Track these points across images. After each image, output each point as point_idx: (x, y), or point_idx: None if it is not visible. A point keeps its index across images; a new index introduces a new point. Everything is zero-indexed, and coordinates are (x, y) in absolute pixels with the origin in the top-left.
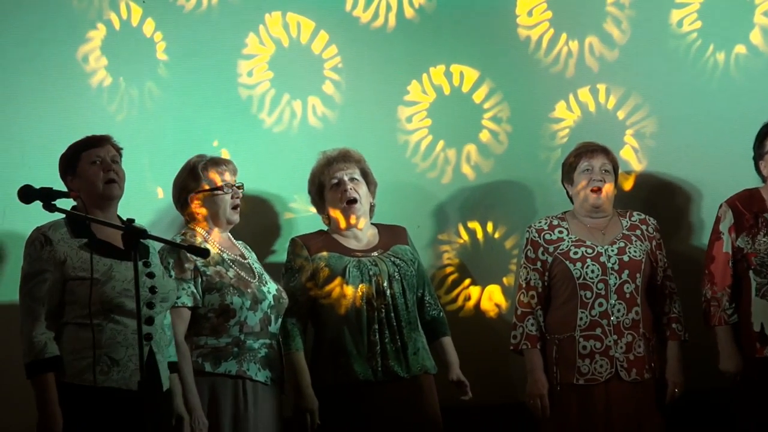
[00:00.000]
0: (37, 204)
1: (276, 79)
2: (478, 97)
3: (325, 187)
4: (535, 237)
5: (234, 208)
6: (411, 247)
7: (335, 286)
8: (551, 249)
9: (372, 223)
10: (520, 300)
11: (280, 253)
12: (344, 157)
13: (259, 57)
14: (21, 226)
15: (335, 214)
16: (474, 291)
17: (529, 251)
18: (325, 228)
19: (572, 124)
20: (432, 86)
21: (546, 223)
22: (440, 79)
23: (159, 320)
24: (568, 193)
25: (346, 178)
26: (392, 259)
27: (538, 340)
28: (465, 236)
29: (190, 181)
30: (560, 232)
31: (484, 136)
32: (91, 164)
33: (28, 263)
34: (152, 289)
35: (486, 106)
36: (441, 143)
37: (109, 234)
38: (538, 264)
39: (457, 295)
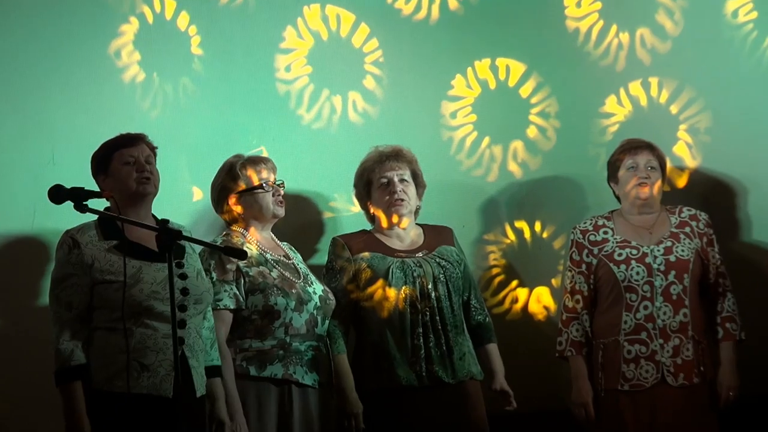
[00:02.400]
0: (69, 204)
1: (315, 74)
2: (525, 91)
3: (373, 184)
4: (579, 238)
5: (279, 203)
6: (457, 248)
7: (378, 288)
8: (596, 251)
9: (416, 224)
10: (565, 305)
11: (321, 254)
12: (397, 156)
13: (297, 51)
14: (52, 227)
15: (379, 212)
16: (521, 293)
17: (573, 253)
18: (368, 227)
19: (623, 119)
20: (477, 80)
21: (591, 224)
22: (485, 73)
23: (193, 323)
24: (614, 192)
25: (396, 179)
26: (437, 260)
27: (583, 347)
28: (512, 236)
29: (229, 182)
30: (605, 232)
31: (532, 132)
32: (124, 164)
33: (56, 267)
34: (184, 291)
35: (533, 100)
36: (486, 140)
37: (142, 235)
38: (583, 267)
39: (504, 298)
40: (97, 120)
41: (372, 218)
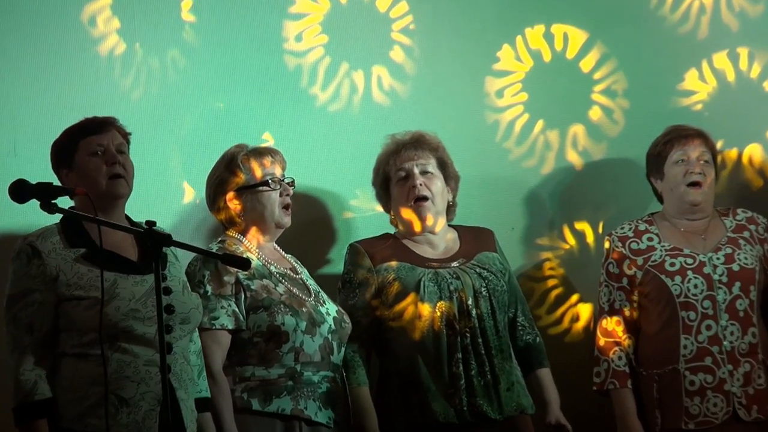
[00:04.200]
0: (33, 204)
1: (332, 44)
2: (586, 65)
3: (390, 179)
4: (618, 247)
5: (285, 207)
6: (500, 254)
7: (407, 305)
8: (640, 261)
9: (450, 226)
10: (602, 327)
11: (337, 264)
12: (417, 144)
13: (310, 17)
14: (14, 230)
15: (405, 213)
16: (583, 309)
17: (610, 265)
18: (392, 230)
19: (706, 97)
20: (528, 52)
21: (630, 229)
22: (539, 43)
23: (179, 347)
24: (655, 190)
25: (416, 171)
26: (478, 270)
27: (628, 378)
28: (571, 240)
29: (228, 176)
30: (649, 239)
31: (595, 114)
32: (91, 155)
33: (11, 281)
34: (168, 309)
35: (597, 76)
36: (540, 123)
37: (117, 241)
38: (624, 281)
39: (562, 315)
40: (67, 103)
41: (396, 221)
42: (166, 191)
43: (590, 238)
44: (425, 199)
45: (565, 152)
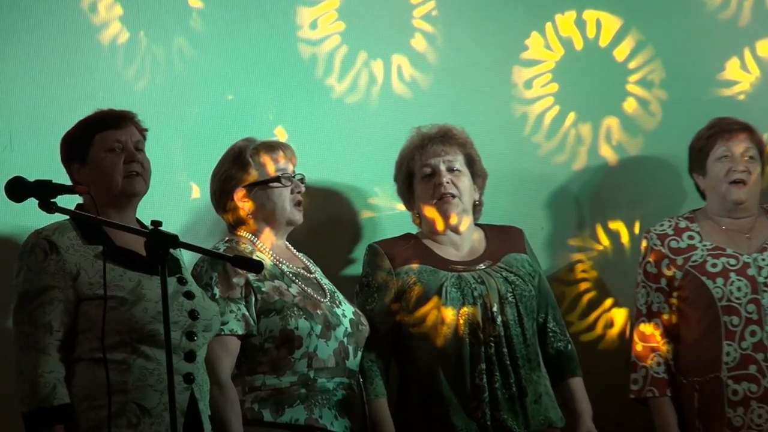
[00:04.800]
0: (31, 202)
1: (349, 31)
2: (620, 53)
3: (414, 176)
4: (656, 245)
5: (296, 204)
6: (530, 256)
7: (428, 311)
8: (680, 261)
9: (477, 225)
10: (639, 332)
11: (353, 265)
12: (444, 138)
13: (326, 2)
14: (9, 228)
15: (429, 212)
16: (618, 315)
17: (648, 265)
18: (415, 230)
19: (749, 88)
20: (559, 40)
21: (670, 226)
22: (570, 30)
23: (200, 356)
24: (698, 186)
25: (442, 167)
26: (504, 273)
27: (667, 386)
28: (605, 241)
29: (236, 172)
30: (690, 237)
31: (630, 105)
32: (108, 151)
33: (26, 277)
34: (193, 314)
35: (632, 65)
36: (571, 116)
37: (130, 241)
38: (663, 282)
39: (596, 321)
40: (67, 94)
41: (418, 220)
42: (171, 188)
43: (625, 238)
44: (451, 197)
45: (598, 147)
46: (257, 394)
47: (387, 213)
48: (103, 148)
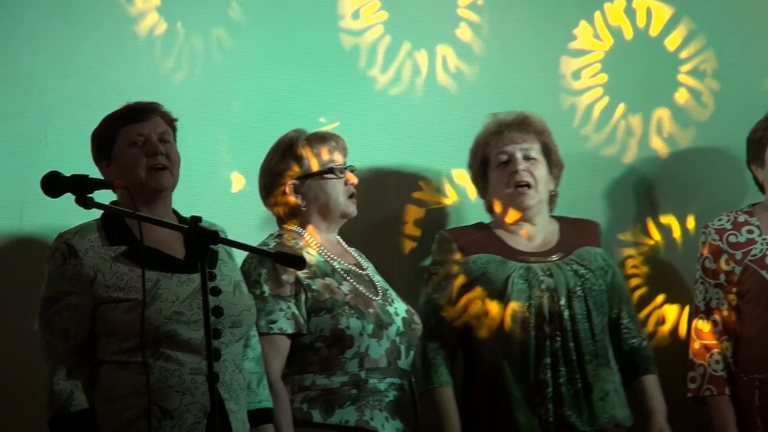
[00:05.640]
0: (68, 197)
1: (392, 21)
2: (672, 42)
3: (490, 163)
4: (715, 240)
5: (350, 197)
6: (604, 250)
7: (494, 302)
8: (739, 255)
9: (553, 216)
10: (697, 329)
11: (403, 260)
12: (521, 125)
13: None
14: (47, 226)
15: (504, 201)
16: (670, 311)
17: (707, 261)
18: (487, 219)
19: None
20: (608, 29)
21: (729, 221)
22: (619, 19)
23: (229, 354)
24: (756, 178)
25: (519, 155)
26: (575, 266)
27: (726, 383)
28: (656, 235)
29: (286, 164)
30: (749, 231)
31: (681, 96)
32: (130, 146)
33: (47, 283)
34: (216, 311)
35: (683, 55)
36: (621, 107)
37: (163, 238)
38: (721, 277)
39: (647, 318)
40: (103, 87)
41: (491, 209)
42: (212, 182)
43: (677, 232)
44: (527, 186)
45: (648, 139)
46: (307, 394)
47: (431, 207)
48: (126, 143)
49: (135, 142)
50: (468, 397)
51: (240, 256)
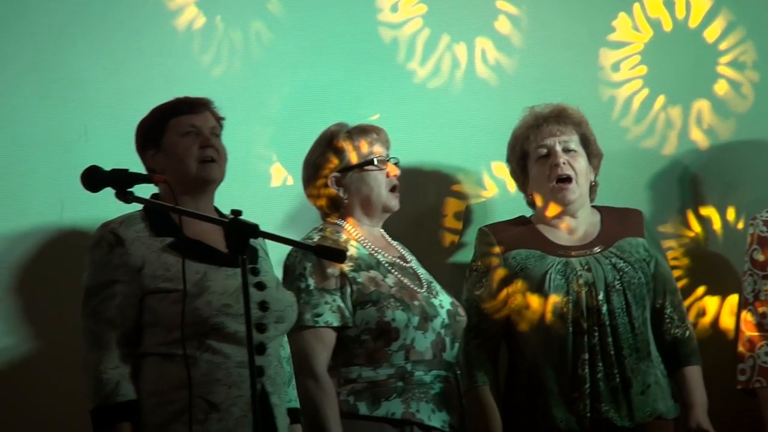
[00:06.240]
0: (107, 192)
1: (431, 14)
2: (711, 34)
3: (529, 156)
4: (763, 232)
5: (392, 190)
6: (648, 240)
7: (532, 298)
8: None
9: (595, 207)
10: (746, 321)
11: (443, 253)
12: (559, 118)
13: None
14: (86, 220)
15: (545, 194)
16: (710, 303)
17: (755, 252)
18: (528, 212)
19: None
20: (647, 20)
21: None
22: (658, 10)
23: (273, 349)
24: None
25: (558, 148)
26: (614, 260)
27: None
28: (696, 227)
29: (329, 156)
30: None
31: (721, 88)
32: (182, 135)
33: (91, 272)
34: (262, 305)
35: (723, 46)
36: (661, 99)
37: (205, 231)
38: None
39: (687, 309)
40: (142, 81)
41: (531, 203)
42: (252, 175)
43: (717, 224)
44: (569, 179)
45: (688, 131)
46: (353, 387)
47: (472, 201)
48: (177, 133)
49: (187, 132)
50: (510, 392)
51: (276, 252)
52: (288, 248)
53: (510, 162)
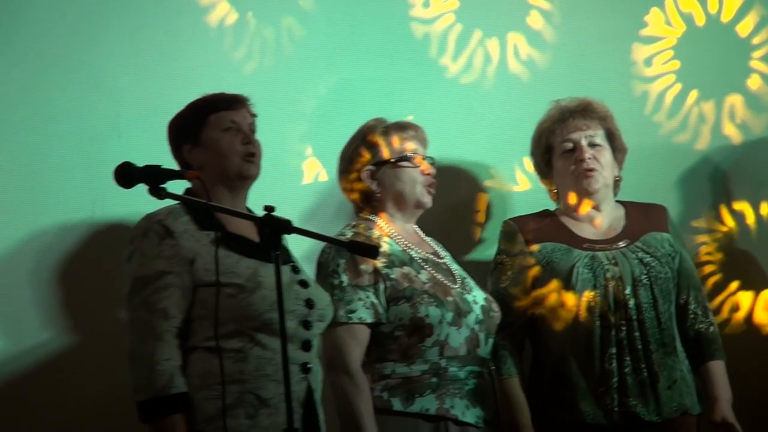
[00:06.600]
0: (139, 188)
1: (463, 9)
2: (744, 28)
3: (554, 151)
4: None
5: (428, 186)
6: (672, 235)
7: (558, 292)
8: None
9: (618, 202)
10: None
11: (473, 248)
12: (585, 112)
13: None
14: (118, 216)
15: (569, 188)
16: (744, 298)
17: None
18: (552, 207)
19: None
20: (680, 15)
21: None
22: (691, 5)
23: (315, 346)
24: None
25: (584, 142)
26: (640, 254)
27: None
28: (730, 222)
29: (364, 150)
30: None
31: (754, 83)
32: (224, 131)
33: (140, 262)
34: (309, 303)
35: (755, 40)
36: (693, 94)
37: (242, 227)
38: None
39: (721, 304)
40: (175, 79)
41: (556, 197)
42: (282, 172)
43: (750, 219)
44: (593, 172)
45: (721, 125)
46: (387, 383)
47: (503, 194)
48: (218, 128)
49: (228, 128)
50: (534, 386)
51: (299, 249)
52: (313, 245)
53: (534, 155)
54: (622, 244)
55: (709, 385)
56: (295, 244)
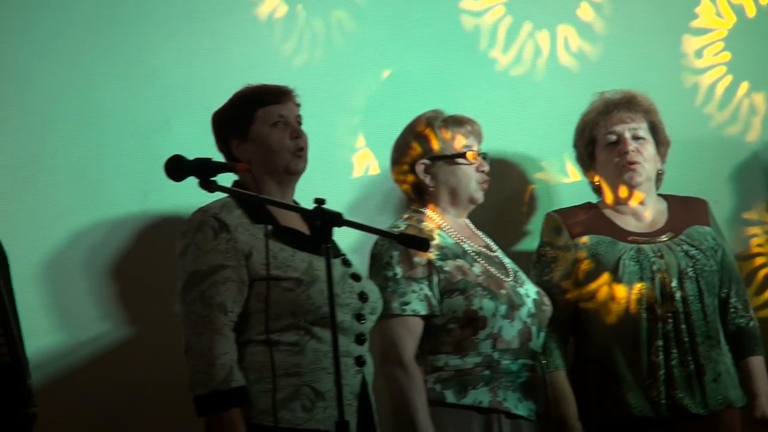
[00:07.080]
0: (189, 182)
1: (513, 2)
2: None
3: (597, 143)
4: None
5: (481, 183)
6: (714, 229)
7: (604, 284)
8: None
9: (660, 195)
10: None
11: (523, 241)
12: (629, 105)
13: None
14: (170, 210)
15: (612, 181)
16: None
17: None
18: (594, 199)
19: None
20: (730, 6)
21: None
22: None
23: (368, 340)
24: None
25: (627, 135)
26: (685, 247)
27: None
28: None
29: (419, 143)
30: None
31: None
32: (272, 126)
33: (195, 256)
34: (362, 296)
35: None
36: (744, 86)
37: (292, 220)
38: None
39: None
40: (224, 72)
41: (598, 189)
42: (332, 165)
43: None
44: (636, 165)
45: None
46: (440, 375)
47: (554, 187)
48: (267, 123)
49: (276, 123)
50: (579, 379)
51: (359, 241)
52: (359, 237)
53: (577, 147)
54: (665, 237)
55: (748, 381)
56: (341, 237)
